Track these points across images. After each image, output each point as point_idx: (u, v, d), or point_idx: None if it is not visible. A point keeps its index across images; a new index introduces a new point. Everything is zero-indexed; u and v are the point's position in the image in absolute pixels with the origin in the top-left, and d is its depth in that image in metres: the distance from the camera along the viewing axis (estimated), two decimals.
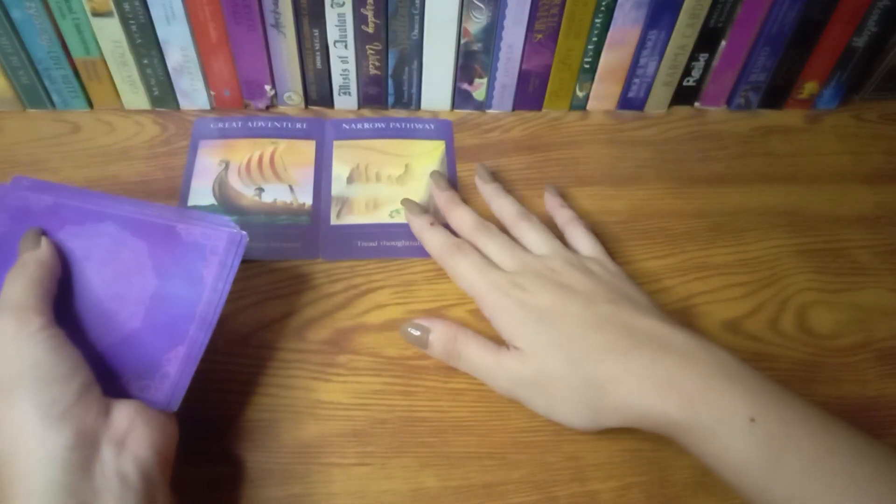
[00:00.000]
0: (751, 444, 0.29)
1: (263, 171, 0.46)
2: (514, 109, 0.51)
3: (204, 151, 0.47)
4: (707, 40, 0.47)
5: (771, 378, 0.32)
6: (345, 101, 0.50)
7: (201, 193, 0.45)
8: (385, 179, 0.46)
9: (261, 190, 0.45)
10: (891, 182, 0.49)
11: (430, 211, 0.44)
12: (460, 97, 0.50)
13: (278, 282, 0.41)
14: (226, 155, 0.47)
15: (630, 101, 0.51)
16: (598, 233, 0.42)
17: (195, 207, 0.44)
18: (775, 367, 0.39)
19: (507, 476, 0.35)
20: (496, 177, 0.47)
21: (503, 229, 0.41)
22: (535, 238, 0.40)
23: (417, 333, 0.37)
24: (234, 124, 0.48)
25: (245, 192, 0.45)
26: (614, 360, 0.33)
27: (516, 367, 0.35)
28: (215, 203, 0.44)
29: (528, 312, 0.35)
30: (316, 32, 0.45)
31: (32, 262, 0.32)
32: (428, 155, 0.48)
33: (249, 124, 0.48)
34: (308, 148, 0.47)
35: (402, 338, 0.38)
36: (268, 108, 0.50)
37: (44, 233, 0.34)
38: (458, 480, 0.35)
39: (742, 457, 0.29)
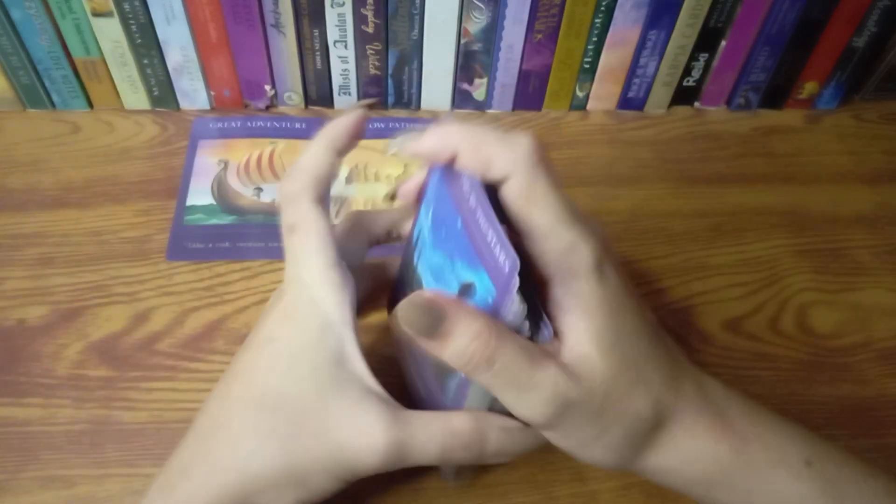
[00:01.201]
0: (809, 488, 0.27)
1: (262, 171, 0.46)
2: (514, 109, 0.51)
3: (203, 151, 0.47)
4: (707, 40, 0.47)
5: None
6: (345, 101, 0.50)
7: (200, 193, 0.45)
8: (384, 179, 0.46)
9: (259, 190, 0.45)
10: (891, 182, 0.49)
11: None
12: (460, 97, 0.50)
13: (278, 282, 0.41)
14: (225, 155, 0.47)
15: (630, 101, 0.51)
16: None
17: (193, 207, 0.44)
18: (775, 367, 0.39)
19: (508, 476, 0.35)
20: None
21: None
22: None
23: (431, 322, 0.24)
24: (233, 124, 0.48)
25: (244, 191, 0.45)
26: (676, 388, 0.27)
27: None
28: (214, 203, 0.44)
29: None
30: (316, 32, 0.45)
31: None
32: None
33: (248, 124, 0.48)
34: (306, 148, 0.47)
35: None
36: (268, 108, 0.50)
37: None
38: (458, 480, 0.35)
39: (798, 501, 0.27)
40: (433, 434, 0.26)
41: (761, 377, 0.39)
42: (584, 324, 0.25)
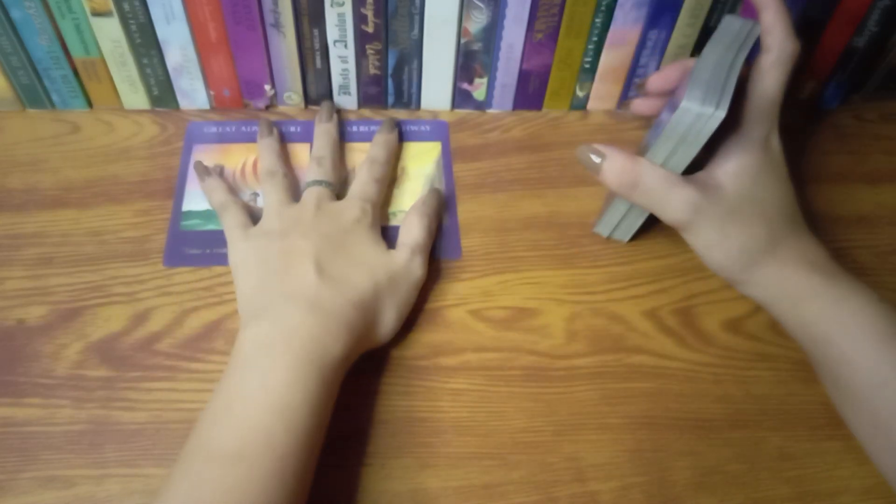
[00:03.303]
0: (883, 308, 0.35)
1: (258, 176, 0.46)
2: (514, 109, 0.51)
3: (198, 156, 0.46)
4: (707, 40, 0.47)
5: None
6: (345, 101, 0.50)
7: (196, 198, 0.44)
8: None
9: (256, 195, 0.45)
10: (891, 182, 0.49)
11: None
12: (460, 97, 0.50)
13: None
14: (220, 160, 0.46)
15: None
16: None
17: (190, 212, 0.44)
18: (775, 367, 0.39)
19: (507, 476, 0.35)
20: (498, 176, 0.47)
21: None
22: None
23: (596, 160, 0.38)
24: (228, 128, 0.48)
25: (240, 196, 0.45)
26: (791, 230, 0.38)
27: (706, 196, 0.37)
28: (211, 208, 0.44)
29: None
30: (316, 32, 0.45)
31: None
32: (424, 156, 0.48)
33: (243, 128, 0.48)
34: (303, 151, 0.47)
35: (578, 159, 0.39)
36: (267, 107, 0.50)
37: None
38: (458, 480, 0.35)
39: (866, 321, 0.35)
40: (416, 230, 0.40)
41: (761, 377, 0.39)
42: (730, 165, 0.37)
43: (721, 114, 0.34)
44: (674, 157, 0.36)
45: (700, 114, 0.34)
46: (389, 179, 0.45)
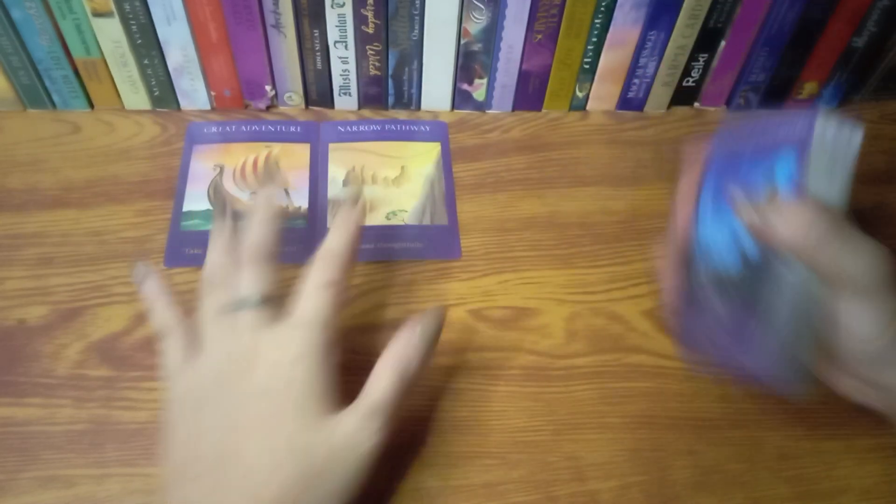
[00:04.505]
0: None
1: (258, 175, 0.46)
2: (514, 110, 0.51)
3: (198, 156, 0.47)
4: (707, 41, 0.47)
5: None
6: (345, 102, 0.50)
7: (197, 198, 0.44)
8: (381, 181, 0.46)
9: (255, 195, 0.45)
10: (891, 182, 0.49)
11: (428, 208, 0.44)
12: (460, 97, 0.50)
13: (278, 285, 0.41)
14: (220, 159, 0.46)
15: (630, 102, 0.51)
16: (598, 233, 0.42)
17: (190, 212, 0.44)
18: None
19: (507, 476, 0.35)
20: (497, 176, 0.47)
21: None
22: None
23: (758, 219, 0.31)
24: (228, 128, 0.48)
25: (240, 196, 0.45)
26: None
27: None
28: (211, 208, 0.44)
29: None
30: (316, 33, 0.45)
31: None
32: (423, 157, 0.48)
33: (243, 128, 0.48)
34: (303, 151, 0.47)
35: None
36: (268, 108, 0.50)
37: None
38: (458, 480, 0.35)
39: None
40: (381, 385, 0.31)
41: None
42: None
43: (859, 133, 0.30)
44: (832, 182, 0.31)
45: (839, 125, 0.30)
46: (353, 266, 0.35)
